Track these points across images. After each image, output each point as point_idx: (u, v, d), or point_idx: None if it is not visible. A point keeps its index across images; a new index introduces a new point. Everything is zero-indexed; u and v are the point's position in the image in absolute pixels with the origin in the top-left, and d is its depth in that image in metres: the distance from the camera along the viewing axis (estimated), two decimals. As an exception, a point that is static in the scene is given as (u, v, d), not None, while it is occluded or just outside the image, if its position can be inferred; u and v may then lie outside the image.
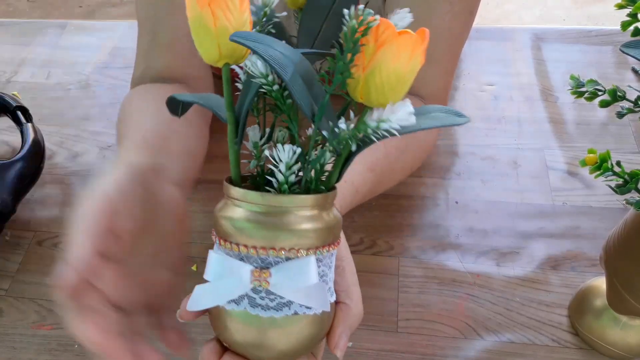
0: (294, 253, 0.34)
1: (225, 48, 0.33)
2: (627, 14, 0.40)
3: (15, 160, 0.66)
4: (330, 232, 0.36)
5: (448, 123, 0.35)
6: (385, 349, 0.57)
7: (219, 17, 0.33)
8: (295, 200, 0.34)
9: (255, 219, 0.34)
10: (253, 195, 0.34)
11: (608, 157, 0.42)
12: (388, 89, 0.32)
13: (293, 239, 0.34)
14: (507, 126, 0.78)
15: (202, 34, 0.34)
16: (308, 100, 0.32)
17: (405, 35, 0.31)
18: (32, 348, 0.58)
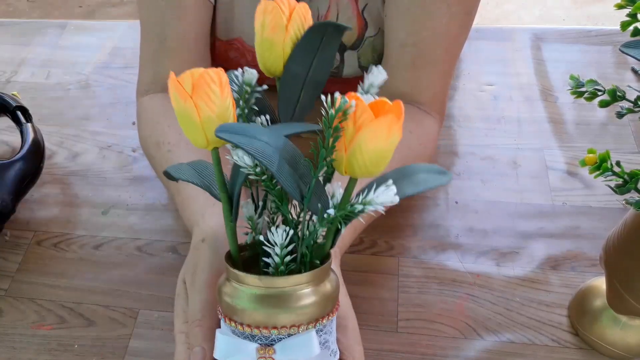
0: (294, 330, 0.36)
1: (212, 135, 0.34)
2: (627, 14, 0.40)
3: (15, 160, 0.66)
4: (328, 301, 0.38)
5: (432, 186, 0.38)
6: (385, 349, 0.57)
7: (201, 108, 0.33)
8: (292, 280, 0.36)
9: (256, 300, 0.36)
10: (252, 279, 0.36)
11: (608, 157, 0.42)
12: (370, 164, 0.33)
13: (293, 316, 0.36)
14: (507, 126, 0.78)
15: (188, 125, 0.34)
16: (296, 185, 0.34)
17: (381, 118, 0.32)
18: (31, 348, 0.58)
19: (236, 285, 0.37)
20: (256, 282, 0.36)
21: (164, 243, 0.66)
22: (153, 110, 0.67)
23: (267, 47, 0.38)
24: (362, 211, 0.34)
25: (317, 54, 0.38)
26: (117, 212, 0.70)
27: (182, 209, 0.58)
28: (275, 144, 0.33)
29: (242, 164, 0.35)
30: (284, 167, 0.33)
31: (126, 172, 0.74)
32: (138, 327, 0.59)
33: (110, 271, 0.64)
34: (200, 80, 0.33)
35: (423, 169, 0.39)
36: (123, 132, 0.79)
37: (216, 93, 0.34)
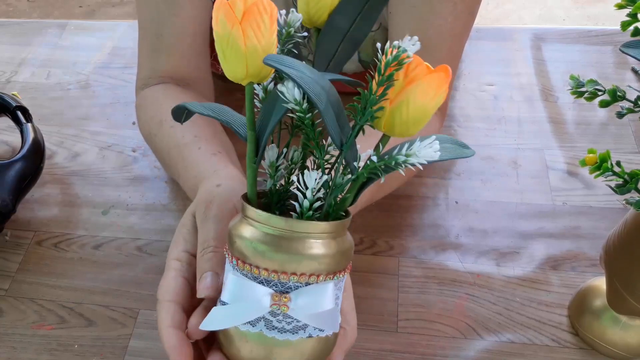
0: (314, 279, 0.35)
1: (252, 67, 0.33)
2: (627, 14, 0.40)
3: (15, 160, 0.66)
4: (345, 256, 0.37)
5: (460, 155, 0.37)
6: (385, 349, 0.57)
7: (249, 36, 0.32)
8: (317, 226, 0.35)
9: (276, 242, 0.35)
10: (276, 219, 0.35)
11: (608, 157, 0.42)
12: (412, 122, 0.33)
13: (313, 264, 0.35)
14: (507, 126, 0.78)
15: (230, 52, 0.33)
16: (338, 130, 0.33)
17: (434, 74, 0.32)
18: (32, 348, 0.58)
19: (257, 226, 0.35)
20: (281, 224, 0.35)
21: (164, 243, 0.66)
22: (154, 96, 0.67)
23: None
24: (403, 163, 0.33)
25: (363, 10, 0.37)
26: (117, 212, 0.70)
27: (185, 174, 0.57)
28: (322, 83, 0.32)
29: (289, 97, 0.33)
30: (330, 109, 0.32)
31: (126, 172, 0.74)
32: (138, 327, 0.59)
33: (110, 271, 0.64)
34: (252, 8, 0.32)
35: (448, 139, 0.38)
36: (123, 132, 0.79)
37: (266, 24, 0.32)
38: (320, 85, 0.32)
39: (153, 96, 0.67)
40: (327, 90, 0.32)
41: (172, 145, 0.60)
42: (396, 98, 0.33)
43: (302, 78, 0.31)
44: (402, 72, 0.32)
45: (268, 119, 0.36)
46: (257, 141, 0.36)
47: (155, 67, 0.68)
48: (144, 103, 0.68)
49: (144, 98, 0.68)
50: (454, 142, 0.39)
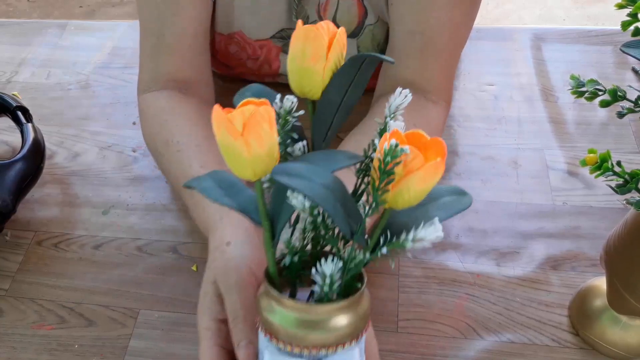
0: (341, 347, 0.38)
1: (259, 170, 0.35)
2: (627, 14, 0.40)
3: (15, 160, 0.66)
4: (366, 317, 0.40)
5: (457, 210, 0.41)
6: (385, 349, 0.57)
7: (252, 146, 0.33)
8: (340, 305, 0.38)
9: (305, 324, 0.38)
10: (301, 306, 0.38)
11: (608, 157, 0.42)
12: (414, 200, 0.36)
13: (340, 335, 0.38)
14: (507, 126, 0.78)
15: (235, 159, 0.34)
16: (347, 224, 0.35)
17: (431, 164, 0.34)
18: (32, 348, 0.58)
19: (280, 307, 0.38)
20: (304, 308, 0.38)
21: (164, 243, 0.66)
22: (158, 107, 0.67)
23: (305, 74, 0.39)
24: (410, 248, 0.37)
25: (353, 82, 0.39)
26: (117, 212, 0.70)
27: (194, 210, 0.59)
28: (327, 184, 0.34)
29: (300, 207, 0.36)
30: (338, 208, 0.34)
31: (126, 172, 0.74)
32: (138, 327, 0.59)
33: (110, 271, 0.64)
34: (252, 120, 0.33)
35: (444, 191, 0.41)
36: (123, 132, 0.79)
37: (267, 131, 0.34)
38: (326, 187, 0.34)
39: (158, 107, 0.67)
40: (332, 187, 0.34)
41: (179, 173, 0.61)
42: (397, 185, 0.35)
43: (309, 188, 0.33)
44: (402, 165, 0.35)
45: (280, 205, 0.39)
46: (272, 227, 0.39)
47: (157, 68, 0.68)
48: (146, 111, 0.68)
49: (148, 106, 0.68)
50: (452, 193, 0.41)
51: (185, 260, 0.65)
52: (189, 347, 0.58)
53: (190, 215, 0.61)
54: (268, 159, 0.34)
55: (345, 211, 0.35)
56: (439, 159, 0.34)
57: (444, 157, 0.35)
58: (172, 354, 0.57)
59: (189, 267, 0.64)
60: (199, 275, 0.63)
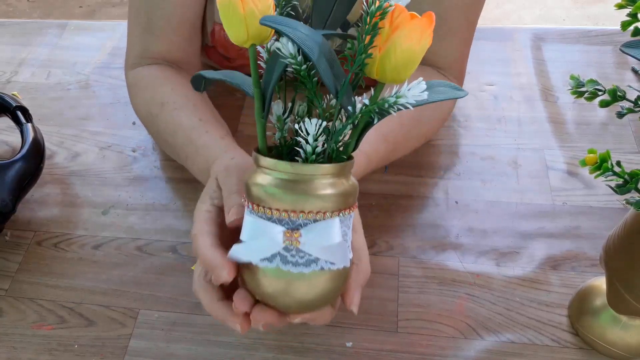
0: (320, 215, 0.39)
1: (253, 30, 0.37)
2: (627, 14, 0.40)
3: (15, 160, 0.66)
4: (349, 196, 0.41)
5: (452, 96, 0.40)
6: (385, 349, 0.57)
7: (247, 1, 0.36)
8: (320, 168, 0.39)
9: (285, 185, 0.39)
10: (283, 164, 0.39)
11: (608, 157, 0.42)
12: (401, 66, 0.36)
13: (319, 203, 0.39)
14: (507, 126, 0.78)
15: (231, 18, 0.37)
16: (332, 78, 0.36)
17: (416, 19, 0.35)
18: (32, 348, 0.58)
19: (268, 172, 0.40)
20: (287, 169, 0.39)
21: (164, 243, 0.66)
22: (153, 76, 0.69)
23: None
24: (393, 104, 0.37)
25: None
26: (117, 212, 0.70)
27: (194, 158, 0.60)
28: (316, 38, 0.35)
29: (285, 52, 0.37)
30: (322, 59, 0.35)
31: (126, 172, 0.74)
32: (138, 327, 0.59)
33: (110, 271, 0.64)
34: None
35: (442, 83, 0.41)
36: (123, 132, 0.79)
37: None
38: (313, 40, 0.35)
39: (150, 75, 0.69)
40: (320, 43, 0.35)
41: (177, 128, 0.62)
42: (384, 45, 0.36)
43: (295, 34, 0.34)
44: (387, 21, 0.35)
45: (271, 76, 0.39)
46: (263, 97, 0.40)
47: (146, 48, 0.70)
48: (139, 82, 0.70)
49: (139, 77, 0.70)
50: (447, 85, 0.41)
51: (185, 260, 0.65)
52: (189, 347, 0.58)
53: (188, 167, 0.62)
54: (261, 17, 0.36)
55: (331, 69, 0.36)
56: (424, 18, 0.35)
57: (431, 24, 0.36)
58: (172, 354, 0.58)
59: (189, 267, 0.64)
60: (199, 275, 0.63)
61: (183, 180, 0.73)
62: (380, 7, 0.35)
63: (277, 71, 0.39)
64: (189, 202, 0.71)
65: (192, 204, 0.70)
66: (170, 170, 0.74)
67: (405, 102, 0.37)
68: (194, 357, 0.57)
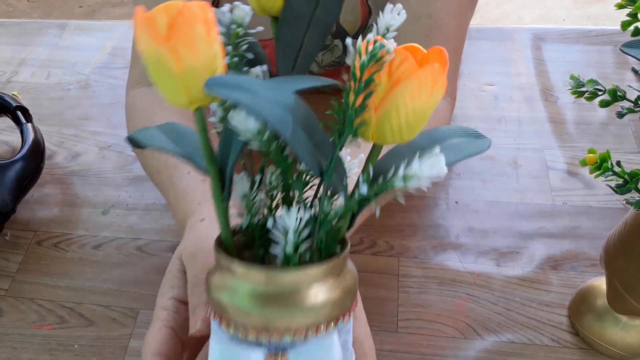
0: (312, 332, 0.29)
1: (194, 91, 0.26)
2: (627, 13, 0.40)
3: (15, 160, 0.66)
4: (349, 295, 0.30)
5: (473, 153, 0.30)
6: (385, 349, 0.57)
7: (181, 56, 0.25)
8: (307, 273, 0.28)
9: (262, 298, 0.28)
10: (255, 273, 0.28)
11: (608, 157, 0.42)
12: (406, 127, 0.27)
13: (311, 316, 0.28)
14: (507, 126, 0.78)
15: (162, 76, 0.26)
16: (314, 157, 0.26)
17: (425, 68, 0.26)
18: (32, 348, 0.58)
19: (231, 279, 0.29)
20: (260, 278, 0.28)
21: (164, 243, 0.66)
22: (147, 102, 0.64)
23: None
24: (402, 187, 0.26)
25: None
26: (117, 212, 0.70)
27: (175, 203, 0.53)
28: (284, 101, 0.24)
29: (244, 129, 0.26)
30: (299, 133, 0.25)
31: (126, 172, 0.74)
32: (138, 327, 0.59)
33: (110, 271, 0.64)
34: (179, 19, 0.24)
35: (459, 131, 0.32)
36: (123, 132, 0.79)
37: (201, 36, 0.25)
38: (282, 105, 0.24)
39: (144, 101, 0.65)
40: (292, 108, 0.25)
41: (161, 165, 0.56)
42: (382, 104, 0.26)
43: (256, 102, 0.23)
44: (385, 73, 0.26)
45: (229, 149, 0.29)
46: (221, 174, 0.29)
47: None
48: (133, 107, 0.66)
49: (134, 100, 0.66)
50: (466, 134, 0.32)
51: (185, 260, 0.65)
52: (189, 347, 0.58)
53: (171, 212, 0.57)
54: (205, 74, 0.26)
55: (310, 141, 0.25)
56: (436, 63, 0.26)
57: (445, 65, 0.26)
58: (172, 354, 0.57)
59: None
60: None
61: (183, 180, 0.73)
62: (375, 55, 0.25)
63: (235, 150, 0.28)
64: (189, 202, 0.70)
65: (192, 204, 0.70)
66: (170, 170, 0.74)
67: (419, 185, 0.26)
68: (194, 357, 0.57)
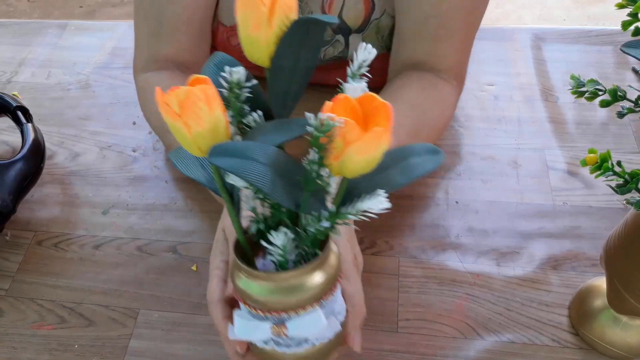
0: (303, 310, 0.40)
1: (205, 147, 0.35)
2: (627, 13, 0.40)
3: (15, 160, 0.66)
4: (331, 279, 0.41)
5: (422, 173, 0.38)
6: (385, 349, 0.57)
7: (192, 126, 0.34)
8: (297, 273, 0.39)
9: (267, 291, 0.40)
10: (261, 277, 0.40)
11: (608, 157, 0.42)
12: (361, 169, 0.35)
13: (302, 300, 0.40)
14: (507, 126, 0.78)
15: (181, 137, 0.35)
16: (290, 199, 0.35)
17: (369, 134, 0.33)
18: (32, 348, 0.58)
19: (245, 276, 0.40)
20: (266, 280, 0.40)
21: (164, 243, 0.66)
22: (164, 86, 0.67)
23: (251, 44, 0.37)
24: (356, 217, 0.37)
25: (303, 47, 0.37)
26: (117, 212, 0.70)
27: None
28: (267, 159, 0.34)
29: (240, 184, 0.38)
30: (277, 183, 0.34)
31: (126, 172, 0.74)
32: (138, 327, 0.59)
33: (110, 271, 0.64)
34: (187, 102, 0.33)
35: (415, 150, 0.39)
36: (123, 132, 0.79)
37: (204, 110, 0.34)
38: (264, 164, 0.34)
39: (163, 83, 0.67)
40: (272, 162, 0.34)
41: None
42: (340, 156, 0.34)
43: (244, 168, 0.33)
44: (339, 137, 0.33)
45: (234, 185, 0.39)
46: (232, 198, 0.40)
47: (154, 52, 0.70)
48: (148, 90, 0.69)
49: (149, 85, 0.69)
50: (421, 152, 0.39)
51: (185, 260, 0.65)
52: (188, 347, 0.58)
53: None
54: (211, 135, 0.35)
55: (289, 185, 0.35)
56: (381, 128, 0.33)
57: (388, 124, 0.33)
58: (172, 354, 0.58)
59: (189, 267, 0.64)
60: (199, 275, 0.63)
61: (183, 180, 0.73)
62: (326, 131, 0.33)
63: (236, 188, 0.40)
64: (189, 202, 0.71)
65: (192, 204, 0.70)
66: (170, 170, 0.74)
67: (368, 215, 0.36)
68: (194, 357, 0.57)
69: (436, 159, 0.39)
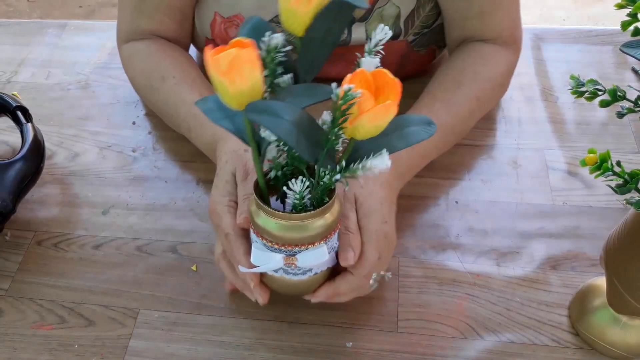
0: (312, 245, 0.49)
1: (244, 101, 0.41)
2: (627, 13, 0.40)
3: (15, 160, 0.66)
4: (334, 223, 0.50)
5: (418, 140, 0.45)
6: (385, 349, 0.57)
7: (235, 83, 0.39)
8: (308, 215, 0.48)
9: (282, 227, 0.48)
10: (279, 215, 0.48)
11: (608, 157, 0.42)
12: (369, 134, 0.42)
13: (310, 237, 0.49)
14: (507, 126, 0.78)
15: (224, 94, 0.41)
16: (310, 153, 0.42)
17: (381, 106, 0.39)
18: (32, 348, 0.58)
19: (264, 215, 0.48)
20: (282, 217, 0.48)
21: (164, 243, 0.66)
22: (151, 50, 0.73)
23: (290, 15, 0.43)
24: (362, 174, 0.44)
25: (334, 23, 0.44)
26: (117, 212, 0.70)
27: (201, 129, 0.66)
28: (294, 119, 0.40)
29: (268, 137, 0.44)
30: (301, 140, 0.40)
31: (126, 172, 0.74)
32: (138, 327, 0.59)
33: (110, 271, 0.64)
34: (234, 62, 0.38)
35: (412, 121, 0.45)
36: (123, 132, 0.79)
37: (248, 71, 0.39)
38: (292, 122, 0.40)
39: (148, 49, 0.73)
40: (298, 122, 0.40)
41: (178, 101, 0.68)
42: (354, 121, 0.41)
43: (275, 125, 0.39)
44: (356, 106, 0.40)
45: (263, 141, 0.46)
46: (259, 148, 0.46)
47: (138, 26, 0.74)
48: (136, 54, 0.74)
49: (136, 50, 0.74)
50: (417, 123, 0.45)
51: (185, 260, 0.65)
52: (189, 347, 0.58)
53: (191, 139, 0.69)
54: (251, 92, 0.40)
55: (310, 142, 0.41)
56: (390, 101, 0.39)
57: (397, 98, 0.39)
58: (172, 354, 0.58)
59: (189, 267, 0.64)
60: (199, 275, 0.63)
61: (183, 180, 0.73)
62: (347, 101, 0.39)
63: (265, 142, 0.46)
64: (189, 202, 0.71)
65: (192, 204, 0.70)
66: (170, 170, 0.74)
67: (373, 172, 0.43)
68: (194, 357, 0.57)
69: (429, 130, 0.45)
